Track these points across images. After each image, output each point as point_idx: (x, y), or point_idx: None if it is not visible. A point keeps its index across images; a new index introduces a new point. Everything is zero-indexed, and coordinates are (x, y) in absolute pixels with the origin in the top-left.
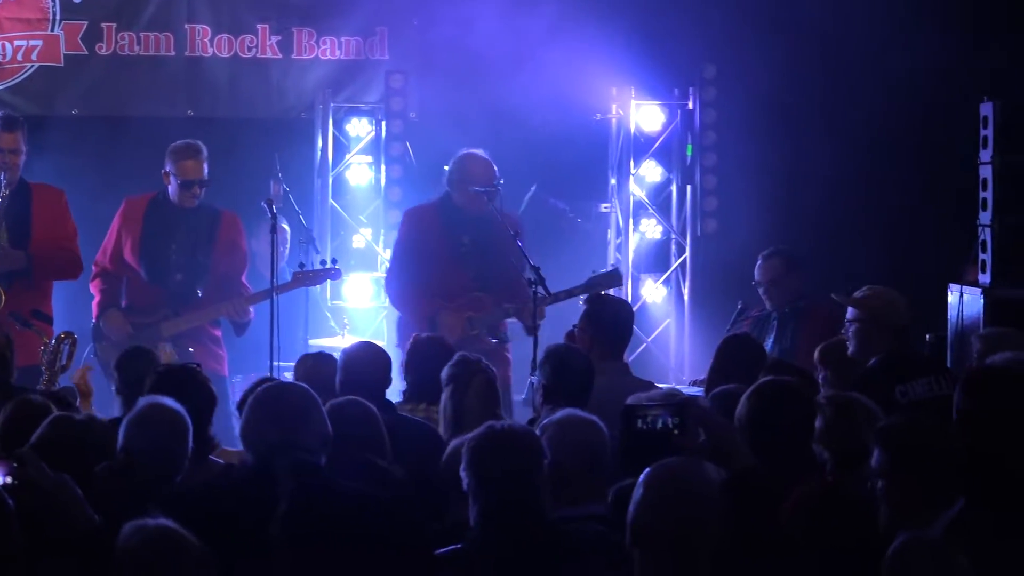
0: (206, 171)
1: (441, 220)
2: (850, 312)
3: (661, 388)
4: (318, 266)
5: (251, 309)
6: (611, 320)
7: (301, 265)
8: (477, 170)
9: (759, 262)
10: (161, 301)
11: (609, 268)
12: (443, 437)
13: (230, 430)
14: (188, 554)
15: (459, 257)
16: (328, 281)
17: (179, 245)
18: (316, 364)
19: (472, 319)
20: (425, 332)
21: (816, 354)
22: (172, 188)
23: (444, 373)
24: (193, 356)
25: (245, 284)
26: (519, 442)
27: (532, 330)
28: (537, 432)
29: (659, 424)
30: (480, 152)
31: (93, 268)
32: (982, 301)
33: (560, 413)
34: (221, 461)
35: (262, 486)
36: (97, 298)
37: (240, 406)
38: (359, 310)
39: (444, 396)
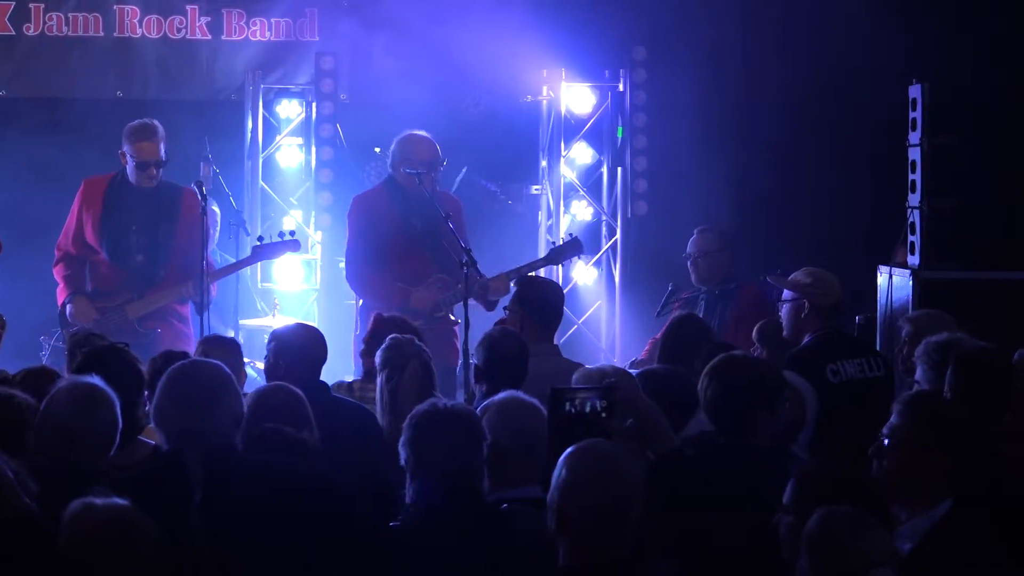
0: (163, 151)
1: (390, 204)
2: (785, 292)
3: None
4: (276, 238)
5: (213, 287)
6: (541, 302)
7: (260, 239)
8: (419, 150)
9: (693, 236)
10: (124, 283)
11: (570, 237)
12: (380, 422)
13: None
14: (143, 533)
15: (414, 239)
16: (259, 264)
17: (140, 225)
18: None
19: (441, 301)
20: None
21: (754, 332)
22: (129, 169)
23: (378, 358)
24: (160, 337)
25: (210, 261)
26: (460, 421)
27: (491, 305)
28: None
29: (587, 407)
30: (422, 133)
31: (56, 253)
32: (911, 283)
33: (501, 395)
34: (151, 442)
35: (176, 475)
36: (61, 284)
37: (150, 385)
38: (289, 292)
39: (379, 381)
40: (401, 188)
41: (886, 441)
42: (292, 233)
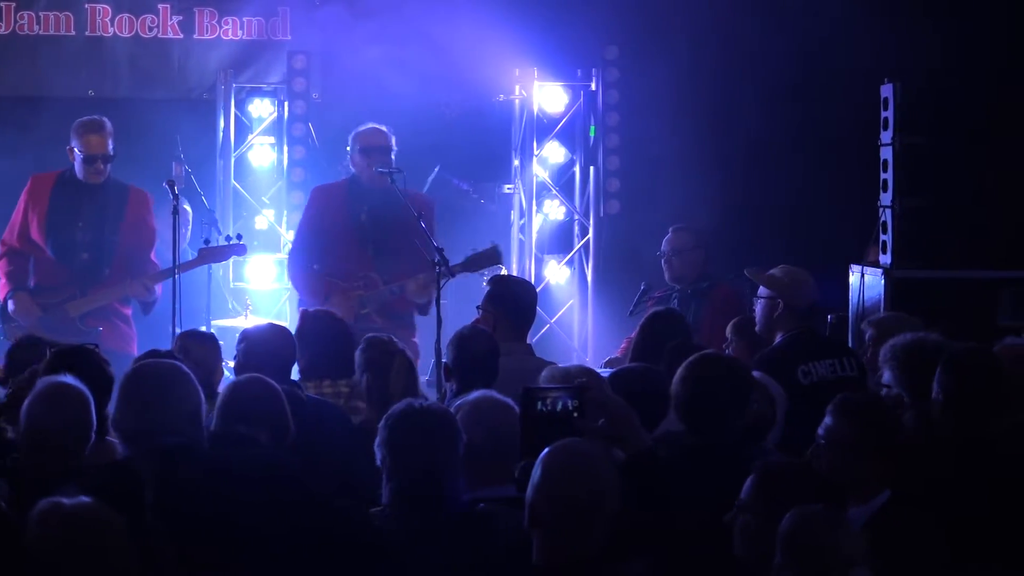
0: (110, 146)
1: (345, 199)
2: (760, 289)
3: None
4: (223, 242)
5: (157, 287)
6: (514, 301)
7: (206, 241)
8: (367, 137)
9: (668, 234)
10: (68, 280)
11: (488, 246)
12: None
13: None
14: (111, 530)
15: (355, 232)
16: (231, 262)
17: (85, 223)
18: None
19: (363, 298)
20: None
21: (729, 327)
22: (77, 164)
23: (359, 358)
24: (101, 335)
25: (154, 261)
26: (436, 421)
27: (424, 309)
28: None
29: (559, 407)
30: (375, 125)
31: None
32: (883, 282)
33: (475, 394)
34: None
35: (130, 477)
36: (3, 280)
37: None
38: (261, 292)
39: (365, 381)
40: (362, 184)
41: (822, 442)
42: (239, 236)
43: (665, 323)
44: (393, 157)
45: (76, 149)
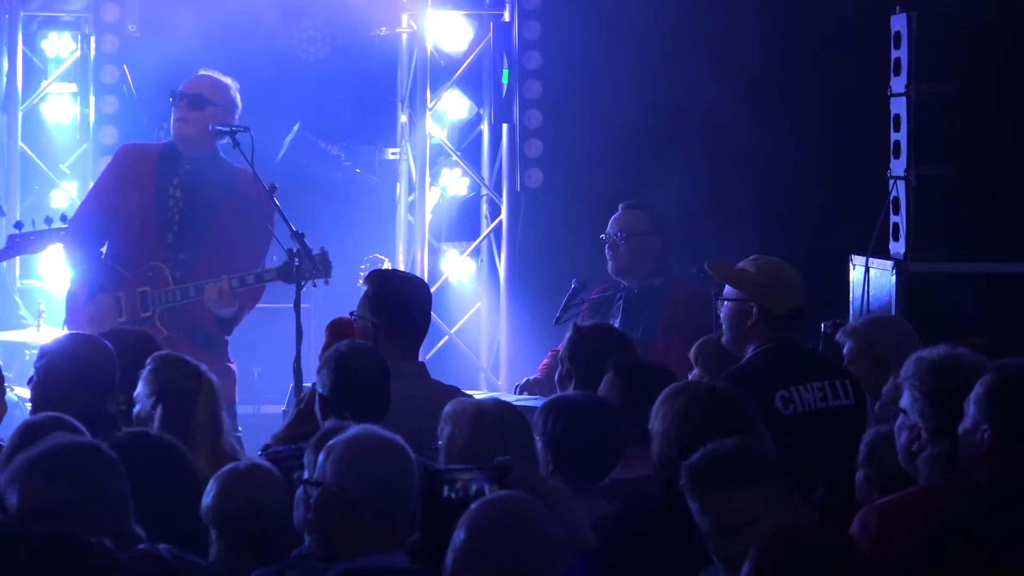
0: None
1: (156, 165)
2: (727, 289)
3: (478, 396)
4: (42, 226)
5: None
6: (400, 305)
7: (18, 225)
8: (187, 85)
9: (617, 212)
10: None
11: (319, 251)
12: None
13: None
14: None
15: (160, 212)
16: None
17: None
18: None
19: (147, 295)
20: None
21: (693, 350)
22: None
23: (154, 381)
24: None
25: None
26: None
27: (226, 326)
28: (320, 457)
29: (472, 491)
30: (207, 71)
31: None
32: (894, 278)
33: (352, 431)
34: None
35: None
36: None
37: None
38: (61, 295)
39: (158, 413)
40: (177, 152)
41: None
42: (64, 219)
43: (598, 338)
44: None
45: None
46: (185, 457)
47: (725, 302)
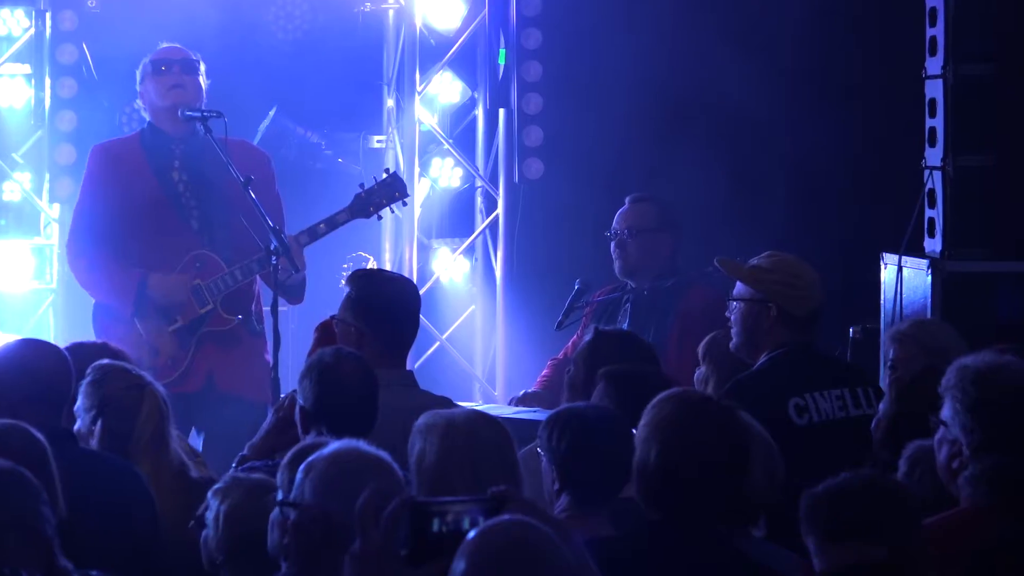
0: None
1: (143, 154)
2: (737, 287)
3: (469, 407)
4: None
5: None
6: (386, 309)
7: None
8: (160, 53)
9: (624, 207)
10: None
11: (387, 174)
12: None
13: None
14: None
15: (172, 199)
16: None
17: None
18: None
19: (200, 288)
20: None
21: (702, 345)
22: None
23: (94, 394)
24: None
25: None
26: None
27: (293, 292)
28: (298, 476)
29: (465, 525)
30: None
31: None
32: (929, 278)
33: (333, 446)
34: None
35: None
36: None
37: None
38: (11, 295)
39: (98, 426)
40: (163, 133)
41: None
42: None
43: (623, 347)
44: (204, 92)
45: None
46: (140, 479)
47: (736, 303)
